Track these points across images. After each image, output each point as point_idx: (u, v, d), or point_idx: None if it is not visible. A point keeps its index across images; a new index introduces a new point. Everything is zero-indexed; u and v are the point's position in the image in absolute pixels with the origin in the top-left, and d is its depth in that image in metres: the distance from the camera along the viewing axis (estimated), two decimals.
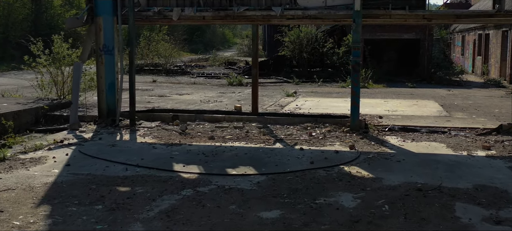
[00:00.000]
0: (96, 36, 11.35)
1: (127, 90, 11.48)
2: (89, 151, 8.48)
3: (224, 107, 14.02)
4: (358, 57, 10.35)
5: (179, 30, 56.74)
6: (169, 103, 14.73)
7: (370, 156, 8.27)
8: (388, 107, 14.04)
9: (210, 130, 10.45)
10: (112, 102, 11.45)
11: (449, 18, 10.42)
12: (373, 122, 11.28)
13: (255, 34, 11.77)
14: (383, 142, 9.47)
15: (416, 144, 9.28)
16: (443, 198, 6.04)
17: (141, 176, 6.98)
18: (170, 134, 10.09)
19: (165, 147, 8.96)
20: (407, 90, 19.58)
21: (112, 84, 11.46)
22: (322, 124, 10.80)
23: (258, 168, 7.45)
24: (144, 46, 30.38)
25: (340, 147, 9.02)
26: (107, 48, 11.34)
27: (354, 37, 10.32)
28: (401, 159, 8.10)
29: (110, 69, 11.41)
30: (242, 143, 9.29)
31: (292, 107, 14.07)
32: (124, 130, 10.54)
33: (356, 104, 10.37)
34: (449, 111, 13.47)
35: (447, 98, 16.81)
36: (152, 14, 11.33)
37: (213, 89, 19.61)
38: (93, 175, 7.04)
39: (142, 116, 11.61)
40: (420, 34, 25.76)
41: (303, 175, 7.05)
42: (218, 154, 8.37)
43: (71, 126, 10.68)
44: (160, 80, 24.07)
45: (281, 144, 9.26)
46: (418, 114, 12.67)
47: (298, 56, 25.82)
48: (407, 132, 10.31)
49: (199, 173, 7.19)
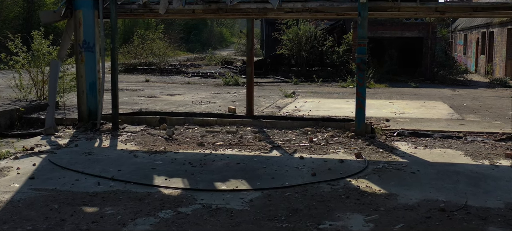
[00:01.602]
0: (75, 31, 10.32)
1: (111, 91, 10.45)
2: (60, 161, 7.46)
3: (217, 109, 13.00)
4: (364, 55, 9.34)
5: (176, 29, 55.84)
6: (158, 105, 13.70)
7: (380, 166, 7.26)
8: (394, 109, 13.04)
9: (200, 135, 9.43)
10: (93, 104, 10.43)
11: (465, 11, 9.43)
12: (380, 126, 10.29)
13: (250, 30, 10.74)
14: (392, 148, 8.46)
15: (430, 152, 8.27)
16: (473, 222, 5.04)
17: (114, 192, 5.96)
18: (155, 140, 9.08)
19: (148, 155, 7.93)
20: (410, 91, 18.69)
21: (93, 84, 10.44)
22: (324, 128, 9.79)
23: (251, 181, 6.44)
24: (138, 45, 29.37)
25: (344, 155, 8.02)
26: (87, 45, 10.31)
27: (359, 32, 9.31)
28: (416, 169, 7.09)
29: (91, 67, 10.38)
30: (234, 150, 8.28)
31: (290, 109, 13.06)
32: (105, 135, 9.52)
33: (362, 107, 9.36)
34: (460, 114, 12.47)
35: (455, 99, 15.84)
36: (137, 7, 10.31)
37: (207, 90, 18.59)
38: (59, 191, 6.02)
39: (126, 119, 10.58)
40: (423, 32, 24.84)
41: (304, 191, 6.05)
42: (206, 164, 7.35)
43: (46, 130, 9.65)
44: (153, 80, 23.11)
45: (278, 151, 8.26)
46: (428, 117, 11.67)
47: (296, 55, 24.91)
48: (418, 137, 9.32)
49: (183, 188, 6.17)
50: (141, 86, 19.74)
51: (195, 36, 61.11)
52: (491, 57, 28.26)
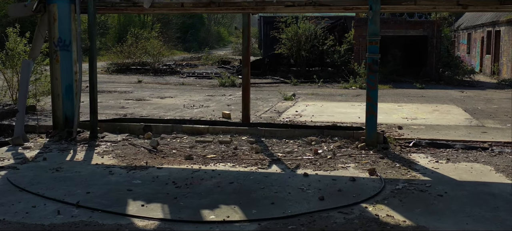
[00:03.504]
0: (49, 27, 9.16)
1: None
2: (21, 180, 6.30)
3: (210, 114, 11.84)
4: (376, 54, 8.20)
5: (172, 28, 54.68)
6: (146, 109, 12.53)
7: (400, 187, 6.11)
8: (404, 114, 11.89)
9: (189, 146, 8.27)
10: (70, 109, 9.27)
11: (491, 4, 8.28)
12: (392, 134, 9.14)
13: (246, 26, 9.56)
14: (410, 162, 7.32)
15: (455, 166, 7.13)
16: None
17: (75, 225, 4.80)
18: (137, 152, 7.92)
19: (126, 171, 6.77)
20: (416, 92, 17.65)
21: (69, 87, 9.27)
22: (329, 138, 8.62)
23: (246, 208, 5.29)
24: (131, 44, 28.21)
25: (356, 170, 6.87)
26: (63, 43, 9.15)
27: (370, 28, 8.16)
28: (442, 191, 5.95)
29: (67, 68, 9.21)
30: (227, 165, 7.12)
31: (291, 114, 11.90)
32: (81, 146, 8.36)
33: (373, 114, 8.21)
34: (478, 119, 11.34)
35: (466, 102, 14.71)
36: (119, 0, 9.15)
37: (201, 91, 17.43)
38: (7, 223, 4.86)
39: (107, 127, 9.40)
40: (428, 31, 23.78)
41: (311, 222, 4.89)
42: (194, 184, 6.20)
43: (14, 140, 8.48)
44: (146, 80, 21.99)
45: (278, 166, 7.11)
46: (444, 124, 10.53)
47: (296, 55, 23.83)
48: (437, 148, 8.17)
49: (162, 218, 5.01)
50: (132, 87, 18.57)
51: (192, 35, 59.96)
52: (498, 57, 27.18)
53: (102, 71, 26.68)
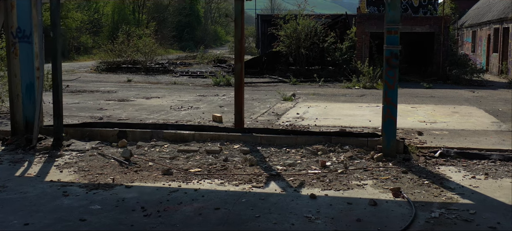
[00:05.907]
0: (5, 16, 7.74)
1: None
2: None
3: (199, 116, 10.41)
4: (396, 46, 6.78)
5: (168, 27, 53.27)
6: (126, 111, 11.08)
7: (435, 214, 4.70)
8: (421, 117, 10.47)
9: (170, 156, 6.85)
10: (31, 112, 7.86)
11: None
12: (413, 141, 7.73)
13: (239, 13, 8.11)
14: (441, 179, 5.92)
15: (498, 184, 5.72)
16: None
17: None
18: (106, 164, 6.49)
19: (85, 192, 5.35)
20: (425, 92, 16.39)
21: (31, 86, 7.87)
22: (339, 146, 7.21)
23: None
24: (122, 42, 26.81)
25: (375, 190, 5.46)
26: (22, 34, 7.77)
27: (389, 15, 6.75)
28: (494, 221, 4.54)
29: (28, 63, 7.82)
30: (214, 183, 5.71)
31: (291, 117, 10.47)
32: (40, 156, 6.94)
33: (392, 118, 6.79)
34: (505, 122, 9.95)
35: (483, 103, 13.35)
36: None
37: (193, 91, 16.00)
38: None
39: (75, 133, 7.97)
40: (434, 27, 22.44)
41: None
42: (168, 211, 4.78)
43: None
44: (136, 79, 20.61)
45: (278, 183, 5.69)
46: (469, 128, 9.12)
47: (295, 53, 22.50)
48: (470, 159, 6.76)
49: None
50: (119, 87, 17.14)
51: (188, 34, 58.72)
52: (506, 55, 25.86)
53: (91, 70, 25.34)
